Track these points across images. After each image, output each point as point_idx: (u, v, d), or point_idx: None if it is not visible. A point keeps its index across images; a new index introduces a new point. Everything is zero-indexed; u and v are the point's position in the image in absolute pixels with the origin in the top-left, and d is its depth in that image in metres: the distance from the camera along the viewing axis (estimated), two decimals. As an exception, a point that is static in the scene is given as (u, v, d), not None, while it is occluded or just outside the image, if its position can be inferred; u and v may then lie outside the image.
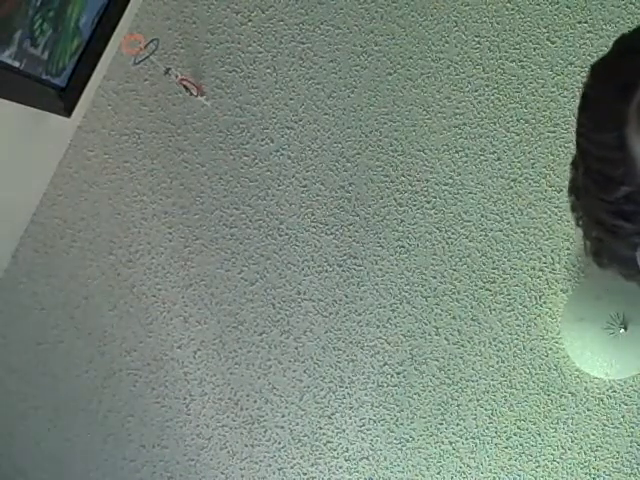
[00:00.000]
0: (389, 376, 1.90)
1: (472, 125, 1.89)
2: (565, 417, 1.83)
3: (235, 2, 2.00)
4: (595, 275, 1.81)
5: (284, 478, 1.96)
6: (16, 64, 1.68)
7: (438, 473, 1.89)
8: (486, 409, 1.86)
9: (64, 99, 1.92)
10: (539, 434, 1.84)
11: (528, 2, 1.88)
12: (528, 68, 1.87)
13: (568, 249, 1.84)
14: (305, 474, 1.95)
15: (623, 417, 1.82)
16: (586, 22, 1.86)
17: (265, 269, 1.96)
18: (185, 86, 1.89)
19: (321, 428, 1.94)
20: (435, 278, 1.89)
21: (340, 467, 1.93)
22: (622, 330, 1.69)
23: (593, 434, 1.83)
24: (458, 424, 1.87)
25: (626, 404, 1.82)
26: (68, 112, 1.95)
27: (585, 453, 1.83)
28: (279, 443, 1.96)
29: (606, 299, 1.72)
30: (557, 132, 1.85)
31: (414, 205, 1.90)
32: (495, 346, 1.86)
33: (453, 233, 1.89)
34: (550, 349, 1.84)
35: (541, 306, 1.85)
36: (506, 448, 1.86)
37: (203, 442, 1.99)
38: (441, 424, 1.88)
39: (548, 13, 1.87)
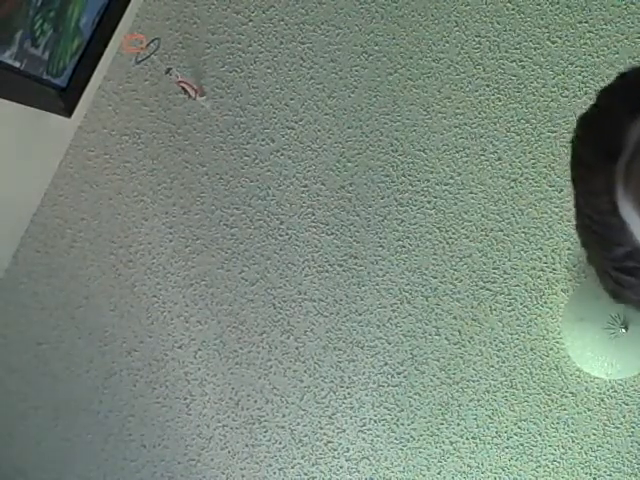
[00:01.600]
0: (390, 376, 1.90)
1: (472, 125, 1.89)
2: (566, 417, 1.83)
3: (235, 2, 2.00)
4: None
5: (285, 478, 1.96)
6: (17, 64, 1.68)
7: (439, 473, 1.88)
8: (487, 409, 1.86)
9: (65, 99, 1.92)
10: (540, 434, 1.84)
11: (528, 2, 1.88)
12: (528, 68, 1.87)
13: (569, 249, 1.84)
14: (306, 474, 1.95)
15: (624, 417, 1.82)
16: (586, 22, 1.86)
17: (266, 269, 1.96)
18: (184, 88, 1.89)
19: (322, 428, 1.93)
20: (435, 278, 1.89)
21: (341, 467, 1.93)
22: (623, 330, 1.69)
23: (594, 434, 1.83)
24: (459, 424, 1.87)
25: (627, 404, 1.82)
26: (69, 112, 1.95)
27: (586, 453, 1.83)
28: (280, 443, 1.96)
29: (607, 299, 1.71)
30: (557, 132, 1.85)
31: (414, 205, 1.90)
32: (496, 346, 1.86)
33: (453, 233, 1.89)
34: (551, 349, 1.84)
35: (541, 306, 1.85)
36: (507, 448, 1.86)
37: (204, 442, 1.99)
38: (442, 424, 1.88)
39: (548, 13, 1.87)
